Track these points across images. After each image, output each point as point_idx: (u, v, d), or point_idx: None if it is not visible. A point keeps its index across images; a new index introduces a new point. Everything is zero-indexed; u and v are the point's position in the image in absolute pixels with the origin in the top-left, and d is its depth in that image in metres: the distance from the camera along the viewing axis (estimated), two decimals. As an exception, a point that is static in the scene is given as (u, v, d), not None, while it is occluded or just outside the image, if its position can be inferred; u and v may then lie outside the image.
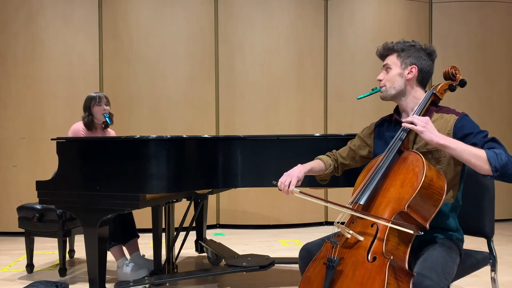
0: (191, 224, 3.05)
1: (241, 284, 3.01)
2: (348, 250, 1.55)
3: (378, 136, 1.95)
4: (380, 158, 1.74)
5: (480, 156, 1.55)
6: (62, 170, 2.53)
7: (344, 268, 1.51)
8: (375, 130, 1.98)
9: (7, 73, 4.54)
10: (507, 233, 4.42)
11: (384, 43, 1.89)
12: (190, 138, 2.50)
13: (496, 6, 5.14)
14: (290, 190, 1.75)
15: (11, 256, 3.74)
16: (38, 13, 4.55)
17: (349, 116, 4.95)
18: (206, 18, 4.82)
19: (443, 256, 1.58)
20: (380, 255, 1.46)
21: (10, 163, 4.54)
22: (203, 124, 4.79)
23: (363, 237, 1.54)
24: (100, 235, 2.49)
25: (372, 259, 1.47)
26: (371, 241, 1.52)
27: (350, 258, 1.53)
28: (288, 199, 4.79)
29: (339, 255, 1.55)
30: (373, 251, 1.49)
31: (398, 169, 1.65)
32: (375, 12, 5.02)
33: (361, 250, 1.52)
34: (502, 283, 2.10)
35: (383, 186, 1.64)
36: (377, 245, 1.49)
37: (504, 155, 1.54)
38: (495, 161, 1.53)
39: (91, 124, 3.27)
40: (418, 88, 1.83)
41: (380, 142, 1.91)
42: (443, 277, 1.48)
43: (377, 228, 1.54)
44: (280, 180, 1.79)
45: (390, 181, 1.64)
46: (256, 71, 4.85)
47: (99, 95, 3.29)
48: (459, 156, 1.57)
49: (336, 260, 1.52)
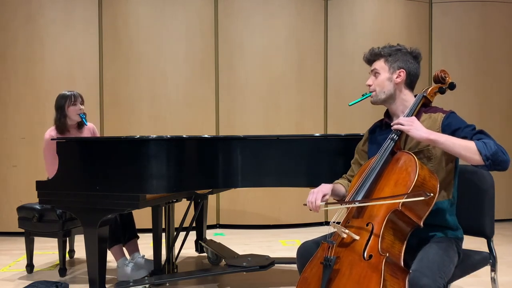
0: (191, 224, 3.05)
1: (241, 284, 3.01)
2: (344, 249, 1.57)
3: (371, 141, 1.98)
4: (373, 159, 1.76)
5: (470, 147, 1.59)
6: (62, 170, 2.53)
7: (340, 267, 1.53)
8: (368, 137, 2.01)
9: (7, 73, 4.54)
10: (507, 233, 4.42)
11: (370, 49, 1.94)
12: (190, 138, 2.50)
13: (496, 6, 5.14)
14: (317, 205, 1.75)
15: (11, 256, 3.74)
16: (38, 13, 4.55)
17: (349, 116, 4.95)
18: (206, 18, 4.82)
19: (440, 255, 1.59)
20: (376, 252, 1.48)
21: (10, 163, 4.55)
22: (203, 124, 4.78)
23: (358, 236, 1.57)
24: (100, 235, 2.49)
25: (368, 257, 1.49)
26: (366, 239, 1.54)
27: (347, 257, 1.54)
28: (288, 199, 4.79)
29: (335, 254, 1.57)
30: (369, 249, 1.51)
31: (391, 169, 1.69)
32: (375, 12, 5.02)
33: (357, 249, 1.54)
34: (502, 283, 2.10)
35: (378, 186, 1.68)
36: (373, 243, 1.52)
37: (492, 143, 1.59)
38: (485, 150, 1.57)
39: (65, 127, 3.14)
40: (407, 91, 1.87)
41: (373, 146, 1.94)
42: (438, 276, 1.48)
43: (372, 226, 1.57)
44: (307, 199, 1.81)
45: (384, 181, 1.67)
46: (256, 71, 4.85)
47: (73, 94, 3.14)
48: (450, 149, 1.61)
49: (332, 260, 1.54)
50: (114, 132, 4.61)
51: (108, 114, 4.66)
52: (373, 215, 1.60)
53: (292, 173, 2.56)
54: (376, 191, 1.67)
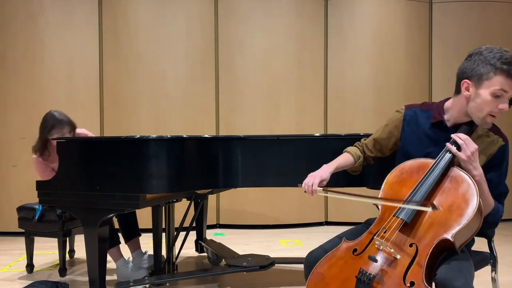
0: (191, 224, 3.05)
1: (241, 284, 3.01)
2: (383, 266, 1.47)
3: (409, 127, 1.82)
4: (421, 165, 1.64)
5: (490, 207, 1.61)
6: (62, 170, 2.53)
7: (377, 286, 1.43)
8: (405, 119, 1.84)
9: (7, 73, 4.53)
10: (508, 233, 4.42)
11: None
12: (190, 138, 2.50)
13: (496, 6, 5.14)
14: (313, 189, 1.70)
15: (11, 256, 3.74)
16: (38, 13, 4.55)
17: (349, 116, 4.95)
18: (206, 18, 4.81)
19: (465, 258, 1.55)
20: (419, 282, 1.38)
21: (10, 163, 4.54)
22: (203, 124, 4.78)
23: (400, 255, 1.46)
24: (100, 235, 2.49)
25: (409, 283, 1.39)
26: (409, 262, 1.44)
27: (384, 275, 1.44)
28: (288, 199, 4.79)
29: (375, 272, 1.46)
30: (411, 274, 1.41)
31: (446, 188, 1.56)
32: (375, 12, 5.02)
33: (397, 270, 1.44)
34: (503, 283, 2.10)
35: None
36: (416, 269, 1.41)
37: (500, 216, 1.64)
38: (493, 218, 1.62)
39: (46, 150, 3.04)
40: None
41: (412, 137, 1.80)
42: (470, 280, 1.45)
43: (416, 249, 1.46)
44: (304, 181, 1.75)
45: (436, 201, 1.55)
46: (256, 71, 4.85)
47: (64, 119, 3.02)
48: (480, 196, 1.55)
49: (372, 277, 1.44)
50: (114, 132, 4.60)
51: (108, 114, 4.66)
52: (419, 236, 1.49)
53: (292, 173, 2.55)
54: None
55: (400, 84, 4.92)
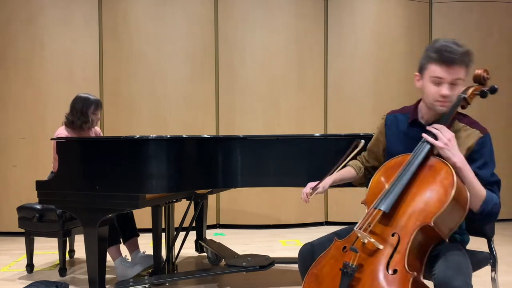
0: (191, 224, 3.05)
1: (241, 284, 3.01)
2: (366, 257, 1.49)
3: (391, 130, 1.89)
4: (403, 159, 1.67)
5: (480, 196, 1.58)
6: (62, 170, 2.53)
7: (361, 276, 1.46)
8: (386, 123, 1.92)
9: (7, 73, 4.53)
10: (507, 233, 4.42)
11: (457, 50, 1.69)
12: (190, 138, 2.51)
13: (496, 6, 5.14)
14: (303, 198, 1.89)
15: (11, 256, 3.74)
16: (38, 13, 4.55)
17: (349, 116, 4.95)
18: (206, 18, 4.81)
19: (463, 256, 1.55)
20: (401, 268, 1.41)
21: (10, 163, 4.54)
22: (203, 124, 4.78)
23: (382, 246, 1.48)
24: (100, 235, 2.49)
25: (392, 271, 1.42)
26: (391, 251, 1.46)
27: (368, 266, 1.47)
28: (288, 199, 4.79)
29: (357, 262, 1.48)
30: (393, 263, 1.43)
31: (424, 177, 1.58)
32: (375, 12, 5.02)
33: (380, 260, 1.46)
34: (502, 283, 2.10)
35: (407, 195, 1.57)
36: (398, 257, 1.44)
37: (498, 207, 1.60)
38: (488, 206, 1.58)
39: (81, 129, 3.13)
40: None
41: (393, 138, 1.87)
42: (469, 278, 1.45)
43: (398, 238, 1.48)
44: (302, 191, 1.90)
45: (415, 189, 1.57)
46: (256, 71, 4.85)
47: (99, 103, 3.17)
48: (466, 184, 1.56)
49: (354, 268, 1.46)
50: (114, 132, 4.60)
51: (108, 114, 4.66)
52: (401, 225, 1.51)
53: (292, 173, 2.56)
54: (405, 200, 1.56)
55: (400, 84, 4.92)
